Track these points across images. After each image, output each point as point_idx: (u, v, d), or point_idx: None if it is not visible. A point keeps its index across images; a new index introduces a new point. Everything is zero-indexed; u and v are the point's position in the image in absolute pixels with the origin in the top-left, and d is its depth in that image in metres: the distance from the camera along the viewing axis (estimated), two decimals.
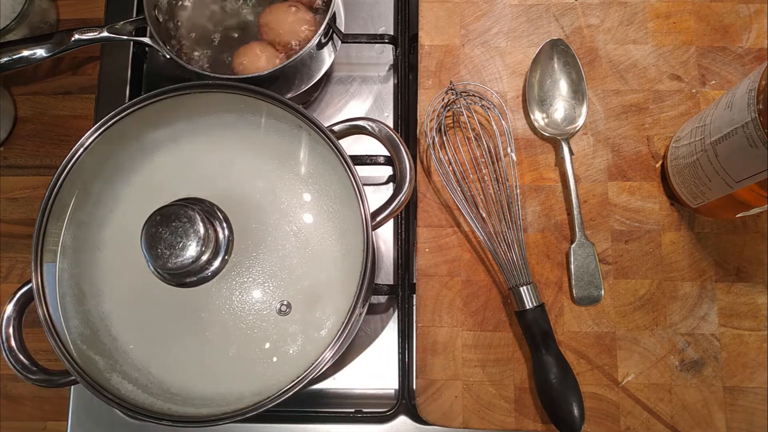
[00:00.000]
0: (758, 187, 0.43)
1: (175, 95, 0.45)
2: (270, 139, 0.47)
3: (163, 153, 0.47)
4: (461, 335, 0.52)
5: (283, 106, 0.45)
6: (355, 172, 0.44)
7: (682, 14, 0.57)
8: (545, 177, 0.54)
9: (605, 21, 0.57)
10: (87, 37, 0.53)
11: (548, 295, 0.52)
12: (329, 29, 0.52)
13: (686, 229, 0.53)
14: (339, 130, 0.46)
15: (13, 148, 0.61)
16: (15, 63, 0.53)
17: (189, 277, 0.41)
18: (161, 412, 0.41)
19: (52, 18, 0.63)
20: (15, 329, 0.45)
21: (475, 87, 0.56)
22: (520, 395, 0.51)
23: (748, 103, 0.40)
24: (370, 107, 0.62)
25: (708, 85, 0.55)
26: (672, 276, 0.52)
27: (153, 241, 0.38)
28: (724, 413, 0.50)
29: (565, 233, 0.53)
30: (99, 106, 0.60)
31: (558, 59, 0.55)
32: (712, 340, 0.51)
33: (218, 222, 0.42)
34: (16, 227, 0.59)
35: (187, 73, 0.51)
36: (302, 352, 0.43)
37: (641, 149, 0.55)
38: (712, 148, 0.45)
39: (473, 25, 0.58)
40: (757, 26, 0.56)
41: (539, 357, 0.49)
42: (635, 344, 0.51)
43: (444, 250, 0.53)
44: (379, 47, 0.63)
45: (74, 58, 0.62)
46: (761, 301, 0.51)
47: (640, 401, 0.50)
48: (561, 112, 0.55)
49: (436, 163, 0.53)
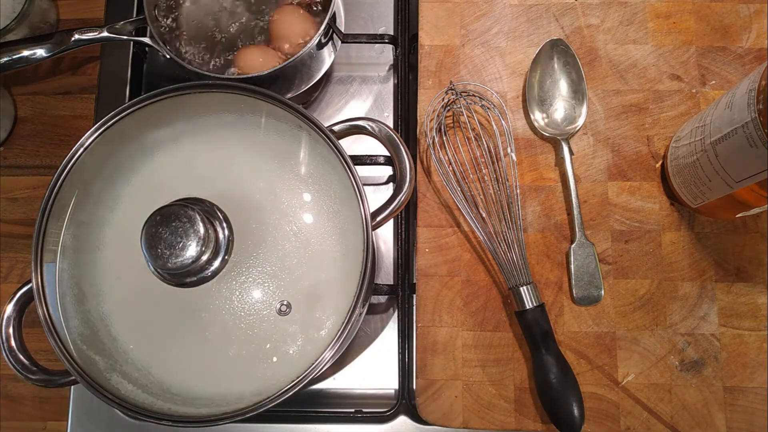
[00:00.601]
0: (758, 187, 0.43)
1: (175, 95, 0.45)
2: (270, 139, 0.47)
3: (163, 153, 0.47)
4: (461, 335, 0.52)
5: (283, 106, 0.45)
6: (355, 172, 0.44)
7: (682, 14, 0.57)
8: (545, 177, 0.54)
9: (605, 21, 0.57)
10: (87, 37, 0.53)
11: (548, 295, 0.52)
12: (329, 29, 0.52)
13: (686, 229, 0.53)
14: (339, 130, 0.46)
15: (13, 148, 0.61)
16: (15, 63, 0.53)
17: (189, 277, 0.41)
18: (161, 412, 0.41)
19: (52, 18, 0.63)
20: (15, 329, 0.45)
21: (475, 87, 0.56)
22: (520, 395, 0.51)
23: (748, 103, 0.40)
24: (370, 107, 0.62)
25: (708, 85, 0.55)
26: (672, 276, 0.52)
27: (153, 241, 0.38)
28: (724, 413, 0.50)
29: (565, 233, 0.53)
30: (99, 106, 0.60)
31: (558, 59, 0.55)
32: (712, 340, 0.51)
33: (218, 222, 0.42)
34: (16, 227, 0.59)
35: (187, 73, 0.51)
36: (302, 352, 0.43)
37: (641, 149, 0.55)
38: (712, 148, 0.45)
39: (473, 25, 0.58)
40: (757, 26, 0.56)
41: (539, 357, 0.49)
42: (635, 344, 0.51)
43: (444, 250, 0.53)
44: (379, 47, 0.63)
45: (74, 58, 0.62)
46: (761, 301, 0.51)
47: (640, 401, 0.50)
48: (561, 112, 0.55)
49: (436, 163, 0.53)
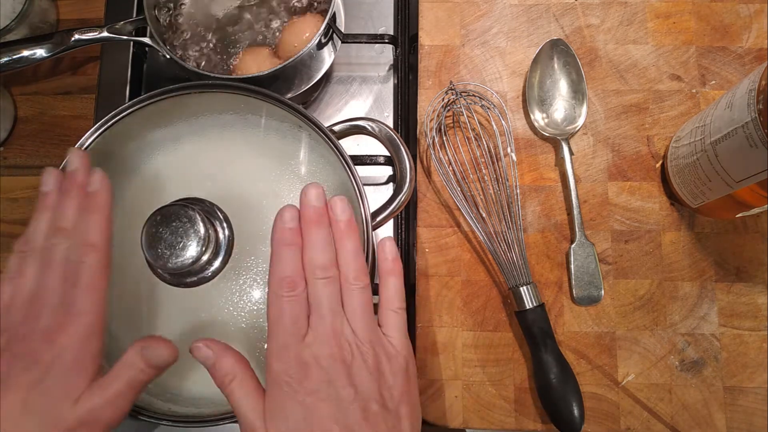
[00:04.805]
0: (758, 187, 0.43)
1: (175, 95, 0.45)
2: (270, 139, 0.47)
3: (163, 153, 0.47)
4: (461, 335, 0.52)
5: (283, 106, 0.45)
6: (355, 172, 0.44)
7: (682, 14, 0.57)
8: (545, 177, 0.54)
9: (605, 21, 0.57)
10: (87, 37, 0.53)
11: (548, 295, 0.52)
12: (329, 29, 0.52)
13: (686, 229, 0.53)
14: (339, 130, 0.46)
15: (13, 148, 0.61)
16: (15, 63, 0.53)
17: (189, 277, 0.41)
18: (161, 412, 0.41)
19: (52, 18, 0.63)
20: None
21: (475, 87, 0.56)
22: (520, 395, 0.51)
23: (748, 103, 0.40)
24: (370, 107, 0.62)
25: (708, 85, 0.55)
26: (672, 276, 0.52)
27: (153, 241, 0.38)
28: (724, 413, 0.50)
29: (565, 233, 0.53)
30: (99, 106, 0.60)
31: (558, 59, 0.55)
32: (712, 340, 0.51)
33: (218, 222, 0.42)
34: (16, 227, 0.59)
35: (187, 73, 0.51)
36: None
37: (641, 149, 0.55)
38: (712, 148, 0.45)
39: (473, 25, 0.58)
40: (757, 26, 0.56)
41: (539, 357, 0.49)
42: (635, 344, 0.51)
43: (444, 250, 0.53)
44: (379, 47, 0.63)
45: (74, 58, 0.62)
46: (761, 301, 0.51)
47: (640, 401, 0.50)
48: (561, 112, 0.55)
49: (436, 163, 0.53)
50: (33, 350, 0.35)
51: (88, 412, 0.35)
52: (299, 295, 0.36)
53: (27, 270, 0.37)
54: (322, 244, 0.37)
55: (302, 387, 0.34)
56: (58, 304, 0.36)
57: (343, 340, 0.35)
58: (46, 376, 0.34)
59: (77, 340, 0.35)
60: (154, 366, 0.36)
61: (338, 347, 0.35)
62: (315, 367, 0.34)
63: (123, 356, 0.36)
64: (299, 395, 0.34)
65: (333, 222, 0.38)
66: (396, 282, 0.39)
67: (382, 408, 0.34)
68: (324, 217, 0.38)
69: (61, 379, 0.35)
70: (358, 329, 0.36)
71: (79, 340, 0.35)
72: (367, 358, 0.35)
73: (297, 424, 0.33)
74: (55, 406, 0.34)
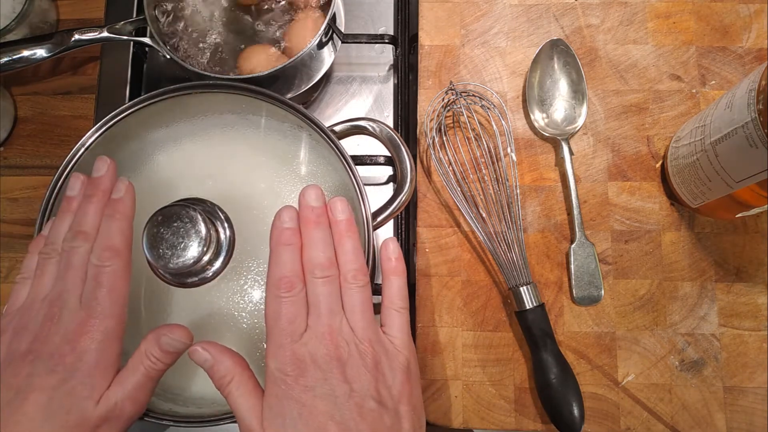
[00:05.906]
0: (758, 187, 0.43)
1: (175, 95, 0.45)
2: (270, 139, 0.47)
3: (164, 153, 0.47)
4: (461, 335, 0.52)
5: (284, 106, 0.45)
6: (356, 172, 0.44)
7: (682, 14, 0.57)
8: (545, 177, 0.54)
9: (605, 21, 0.57)
10: (87, 37, 0.53)
11: (548, 295, 0.52)
12: (329, 29, 0.52)
13: (686, 229, 0.53)
14: (340, 130, 0.46)
15: (13, 148, 0.61)
16: (15, 63, 0.53)
17: (190, 278, 0.41)
18: (161, 412, 0.41)
19: (52, 18, 0.63)
20: None
21: (475, 87, 0.56)
22: (520, 395, 0.51)
23: (748, 103, 0.40)
24: (370, 107, 0.62)
25: (708, 85, 0.55)
26: (672, 276, 0.52)
27: (154, 241, 0.39)
28: (724, 413, 0.50)
29: (565, 233, 0.53)
30: (99, 106, 0.60)
31: (558, 59, 0.56)
32: (712, 340, 0.51)
33: (219, 222, 0.42)
34: (16, 227, 0.59)
35: (187, 73, 0.51)
36: None
37: (641, 149, 0.55)
38: (712, 148, 0.45)
39: (473, 25, 0.58)
40: (757, 26, 0.56)
41: (539, 357, 0.49)
42: (635, 344, 0.51)
43: (444, 250, 0.53)
44: (379, 47, 0.63)
45: (74, 58, 0.62)
46: (761, 301, 0.51)
47: (640, 401, 0.50)
48: (561, 112, 0.55)
49: (436, 163, 0.53)
50: (56, 352, 0.35)
51: (110, 408, 0.35)
52: (297, 296, 0.36)
53: (46, 271, 0.38)
54: (321, 243, 0.37)
55: (298, 384, 0.34)
56: (77, 306, 0.36)
57: (340, 338, 0.35)
58: (70, 377, 0.35)
59: (99, 342, 0.36)
60: (171, 352, 0.37)
61: (335, 345, 0.35)
62: (311, 365, 0.34)
63: (138, 349, 0.37)
64: (295, 392, 0.34)
65: (332, 222, 0.38)
66: (399, 282, 0.39)
67: (379, 405, 0.34)
68: (323, 218, 0.38)
69: (85, 381, 0.35)
70: (357, 328, 0.36)
71: (101, 342, 0.36)
72: (366, 356, 0.35)
73: (293, 422, 0.33)
74: (79, 406, 0.35)
